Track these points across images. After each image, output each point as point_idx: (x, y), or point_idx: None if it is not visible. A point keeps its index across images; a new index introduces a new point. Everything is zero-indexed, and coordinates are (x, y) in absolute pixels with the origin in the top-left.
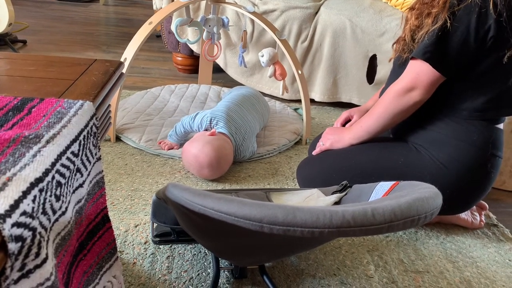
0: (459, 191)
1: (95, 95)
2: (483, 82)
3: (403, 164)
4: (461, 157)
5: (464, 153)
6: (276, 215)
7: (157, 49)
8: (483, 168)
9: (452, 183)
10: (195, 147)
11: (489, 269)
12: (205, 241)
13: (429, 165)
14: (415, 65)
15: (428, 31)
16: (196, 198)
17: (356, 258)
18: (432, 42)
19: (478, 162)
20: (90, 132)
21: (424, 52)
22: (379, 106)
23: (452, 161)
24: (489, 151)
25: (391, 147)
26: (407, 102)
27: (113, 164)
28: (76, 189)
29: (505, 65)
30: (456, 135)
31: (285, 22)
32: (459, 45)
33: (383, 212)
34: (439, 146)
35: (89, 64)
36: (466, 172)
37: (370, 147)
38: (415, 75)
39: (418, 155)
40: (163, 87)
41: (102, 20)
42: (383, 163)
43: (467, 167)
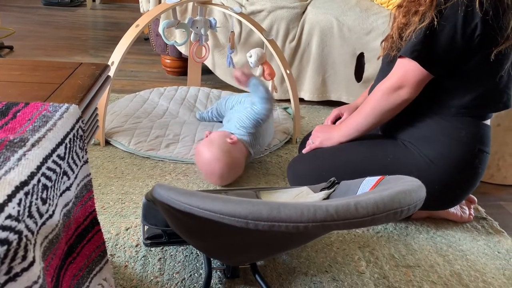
0: (447, 186)
1: (81, 98)
2: (471, 79)
3: (392, 161)
4: (448, 153)
5: (451, 149)
6: (261, 211)
7: (145, 52)
8: (470, 164)
9: (440, 179)
10: (212, 153)
11: (478, 261)
12: (194, 241)
13: (417, 161)
14: (403, 63)
15: (415, 29)
16: (181, 197)
17: (348, 255)
18: (420, 40)
19: (465, 158)
20: (76, 135)
21: (412, 51)
22: (368, 105)
23: (439, 157)
24: (476, 147)
25: (380, 144)
26: (395, 100)
27: (103, 168)
28: (64, 192)
29: (492, 63)
30: (444, 132)
31: (273, 22)
32: (446, 44)
33: (366, 205)
34: (427, 142)
35: (74, 68)
36: (454, 168)
37: (360, 145)
38: (403, 73)
39: (407, 152)
40: (152, 90)
41: (89, 24)
42: (372, 160)
43: (454, 163)
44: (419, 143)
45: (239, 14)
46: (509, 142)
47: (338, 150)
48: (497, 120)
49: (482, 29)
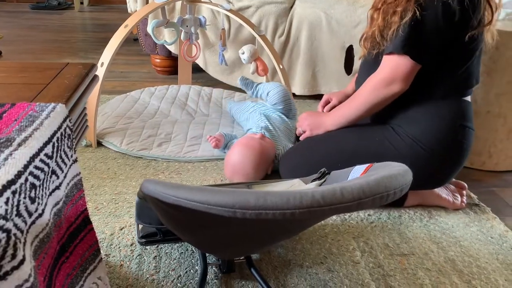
0: (435, 164)
1: (68, 97)
2: (452, 62)
3: (381, 145)
4: (432, 131)
5: (435, 126)
6: (248, 200)
7: (135, 52)
8: (454, 139)
9: (427, 157)
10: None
11: (472, 247)
12: (186, 235)
13: (405, 142)
14: (392, 59)
15: (398, 27)
16: (169, 190)
17: (342, 245)
18: (407, 35)
19: (449, 134)
20: (64, 134)
21: (402, 46)
22: (358, 98)
23: (425, 135)
24: (458, 123)
25: (369, 130)
26: (386, 94)
27: (96, 169)
28: (53, 191)
29: (469, 44)
30: (428, 111)
31: (261, 18)
32: (432, 33)
33: (351, 190)
34: (412, 123)
35: (61, 68)
36: (439, 144)
37: (349, 132)
38: (394, 69)
39: (394, 135)
40: (143, 90)
41: (78, 27)
42: (362, 146)
43: (439, 140)
44: (405, 125)
45: (229, 11)
46: (499, 128)
47: (328, 139)
48: (486, 107)
49: (460, 14)
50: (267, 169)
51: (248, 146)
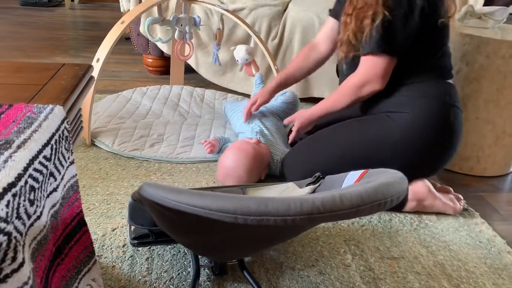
0: (428, 146)
1: (65, 99)
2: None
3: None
4: (424, 111)
5: (424, 107)
6: (249, 206)
7: (127, 51)
8: (445, 118)
9: (421, 140)
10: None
11: (461, 251)
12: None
13: (399, 128)
14: (369, 59)
15: (371, 30)
16: (170, 194)
17: (334, 248)
18: (381, 35)
19: (439, 113)
20: (62, 136)
21: (378, 46)
22: (340, 95)
23: (417, 116)
24: (446, 101)
25: (364, 122)
26: (367, 92)
27: (87, 169)
28: (50, 193)
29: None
30: (415, 95)
31: (255, 20)
32: (403, 29)
33: (350, 197)
34: (402, 108)
35: (57, 69)
36: (430, 125)
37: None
38: (372, 68)
39: (390, 121)
40: (135, 90)
41: (69, 24)
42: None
43: (430, 120)
44: (396, 109)
45: (227, 11)
46: (487, 134)
47: (329, 136)
48: (475, 113)
49: (428, 7)
50: (261, 173)
51: (242, 150)
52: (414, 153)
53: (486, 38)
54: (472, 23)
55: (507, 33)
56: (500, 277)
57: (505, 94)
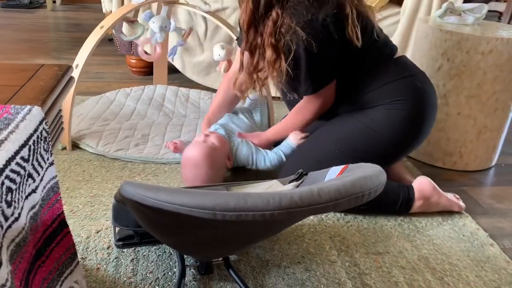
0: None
1: (44, 99)
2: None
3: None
4: (390, 88)
5: (389, 84)
6: (228, 202)
7: (110, 52)
8: (415, 87)
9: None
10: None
11: (444, 245)
12: (166, 237)
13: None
14: (311, 98)
15: (290, 78)
16: (149, 192)
17: (319, 245)
18: (304, 80)
19: (406, 85)
20: (40, 137)
21: (308, 90)
22: (295, 122)
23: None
24: (405, 74)
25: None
26: (320, 113)
27: (71, 171)
28: (29, 195)
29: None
30: (376, 78)
31: (238, 20)
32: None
33: (328, 191)
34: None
35: (36, 70)
36: (406, 98)
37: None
38: (317, 103)
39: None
40: (118, 91)
41: (50, 26)
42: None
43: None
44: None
45: (208, 13)
46: (469, 130)
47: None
48: (457, 109)
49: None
50: (222, 167)
51: (191, 160)
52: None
53: (466, 35)
54: (452, 20)
55: (486, 29)
56: (482, 269)
57: (486, 89)
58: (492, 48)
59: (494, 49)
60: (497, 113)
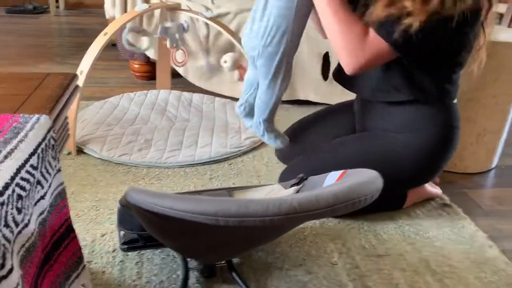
0: (430, 162)
1: (51, 108)
2: (451, 67)
3: (385, 152)
4: (430, 136)
5: (432, 131)
6: (230, 208)
7: (113, 57)
8: (448, 139)
9: (424, 158)
10: None
11: (445, 247)
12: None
13: (405, 147)
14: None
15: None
16: (154, 199)
17: (321, 248)
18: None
19: (444, 136)
20: (48, 145)
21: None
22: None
23: (423, 140)
24: (451, 125)
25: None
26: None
27: (76, 176)
28: (38, 201)
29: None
30: (424, 117)
31: (240, 25)
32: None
33: (326, 197)
34: (407, 128)
35: (42, 78)
36: (435, 146)
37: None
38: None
39: (395, 141)
40: (122, 96)
41: (54, 31)
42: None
43: (436, 142)
44: (401, 131)
45: (210, 19)
46: (469, 132)
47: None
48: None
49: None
50: None
51: None
52: (416, 170)
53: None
54: None
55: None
56: (482, 270)
57: (484, 92)
58: (491, 52)
59: (493, 52)
60: (496, 116)
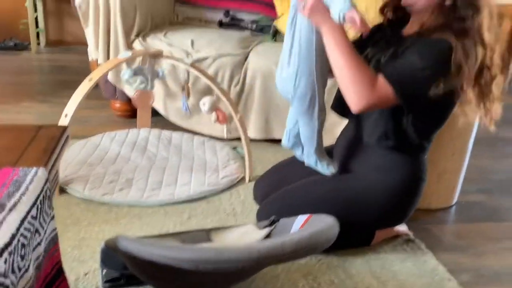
0: (400, 207)
1: (46, 161)
2: (435, 123)
3: (358, 191)
4: (403, 181)
5: (405, 177)
6: (209, 256)
7: (95, 96)
8: (416, 188)
9: (395, 202)
10: None
11: (407, 280)
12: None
13: (378, 190)
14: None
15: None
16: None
17: (293, 283)
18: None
19: (413, 184)
20: (45, 196)
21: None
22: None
23: (396, 184)
24: (420, 177)
25: (349, 179)
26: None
27: (59, 215)
28: (35, 248)
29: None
30: (401, 164)
31: (218, 69)
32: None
33: (290, 244)
34: (388, 173)
35: (36, 131)
36: (405, 191)
37: (331, 181)
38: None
39: (370, 182)
40: (103, 135)
41: (36, 69)
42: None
43: (406, 188)
44: (382, 174)
45: (191, 65)
46: (430, 172)
47: (305, 189)
48: None
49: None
50: None
51: None
52: (387, 212)
53: None
54: None
55: None
56: None
57: (443, 136)
58: None
59: None
60: (454, 157)
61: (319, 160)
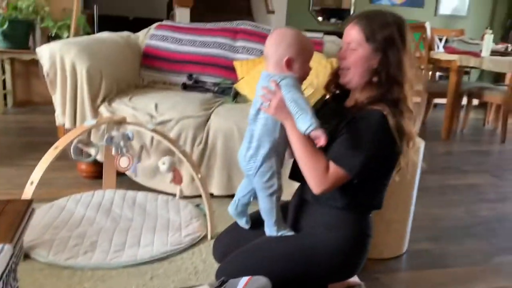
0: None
1: (12, 237)
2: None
3: (312, 248)
4: (350, 238)
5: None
6: None
7: (61, 157)
8: (363, 244)
9: (344, 257)
10: None
11: None
12: None
13: (328, 246)
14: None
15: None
16: None
17: None
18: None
19: (360, 240)
20: (10, 270)
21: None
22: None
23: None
24: (367, 234)
25: (293, 237)
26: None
27: (22, 281)
28: None
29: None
30: (349, 222)
31: (181, 130)
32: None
33: None
34: (337, 230)
35: (3, 206)
36: (352, 247)
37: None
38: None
39: (321, 239)
40: (69, 198)
41: (2, 131)
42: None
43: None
44: (331, 231)
45: (152, 131)
46: (379, 222)
47: (260, 248)
48: None
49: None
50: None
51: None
52: (337, 267)
53: None
54: None
55: None
56: None
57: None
58: None
59: None
60: (400, 208)
61: (280, 230)
